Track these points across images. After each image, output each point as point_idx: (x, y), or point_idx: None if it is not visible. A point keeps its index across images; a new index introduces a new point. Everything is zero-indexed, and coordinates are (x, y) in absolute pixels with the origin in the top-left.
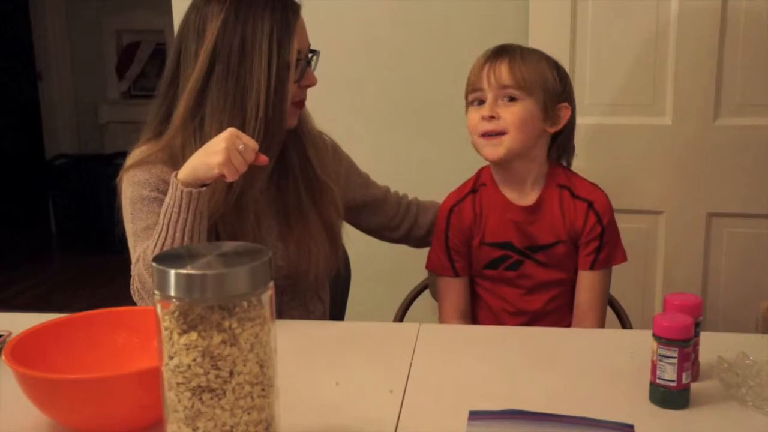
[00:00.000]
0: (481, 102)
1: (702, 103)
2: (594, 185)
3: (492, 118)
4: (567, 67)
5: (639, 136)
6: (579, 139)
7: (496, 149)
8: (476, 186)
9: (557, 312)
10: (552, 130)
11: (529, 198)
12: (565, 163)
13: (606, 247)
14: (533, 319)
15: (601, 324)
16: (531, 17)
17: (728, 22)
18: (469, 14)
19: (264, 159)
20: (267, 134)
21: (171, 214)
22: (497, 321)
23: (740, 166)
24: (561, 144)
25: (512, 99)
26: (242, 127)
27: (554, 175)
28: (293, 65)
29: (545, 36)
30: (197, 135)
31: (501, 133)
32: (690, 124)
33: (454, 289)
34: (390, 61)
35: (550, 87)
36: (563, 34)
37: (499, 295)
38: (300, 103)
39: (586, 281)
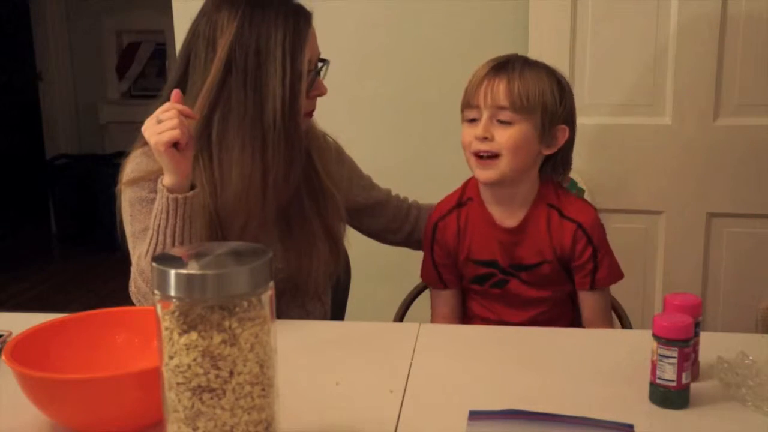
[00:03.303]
0: (475, 120)
1: (702, 103)
2: (584, 203)
3: (485, 139)
4: (567, 69)
5: (639, 136)
6: (579, 139)
7: (488, 172)
8: (462, 200)
9: (543, 326)
10: (548, 152)
11: (515, 217)
12: (560, 178)
13: (602, 266)
14: None
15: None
16: (531, 17)
17: (728, 23)
18: (469, 14)
19: (187, 111)
20: (287, 143)
21: (160, 221)
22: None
23: (740, 166)
24: (557, 162)
25: (507, 122)
26: (264, 136)
27: (544, 194)
28: (305, 75)
29: (545, 36)
30: (213, 142)
31: (494, 156)
32: (690, 124)
33: (443, 300)
34: (389, 62)
35: (549, 109)
36: (563, 34)
37: (486, 306)
38: (309, 114)
39: (589, 301)
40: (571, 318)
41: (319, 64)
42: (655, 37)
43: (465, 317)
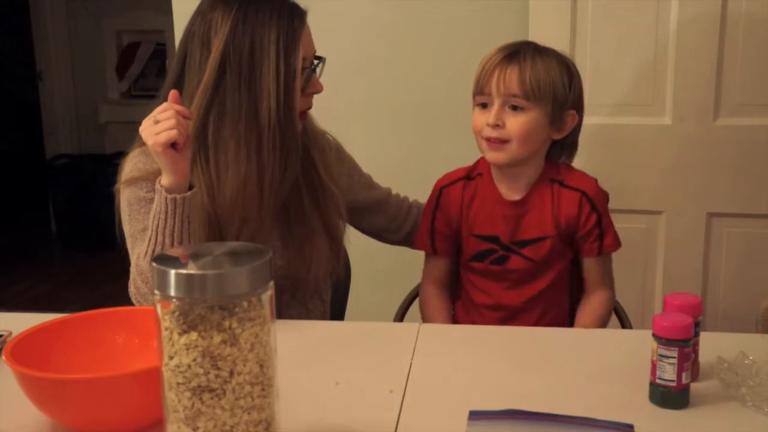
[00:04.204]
0: (487, 105)
1: (702, 103)
2: (585, 174)
3: (497, 126)
4: None
5: (639, 136)
6: (579, 139)
7: (498, 154)
8: (471, 174)
9: (537, 309)
10: (558, 137)
11: (520, 192)
12: (567, 161)
13: (607, 232)
14: (512, 314)
15: (613, 296)
16: (531, 17)
17: (728, 23)
18: (469, 14)
19: (184, 112)
20: (283, 142)
21: (158, 221)
22: (476, 315)
23: (740, 166)
24: (564, 145)
25: (519, 108)
26: (259, 136)
27: (548, 172)
28: (299, 73)
29: (545, 36)
30: (209, 143)
31: (505, 141)
32: (690, 124)
33: (435, 265)
34: (390, 60)
35: (559, 96)
36: (563, 34)
37: (481, 288)
38: (306, 111)
39: (594, 267)
40: (567, 305)
41: (315, 62)
42: (655, 37)
43: (466, 308)
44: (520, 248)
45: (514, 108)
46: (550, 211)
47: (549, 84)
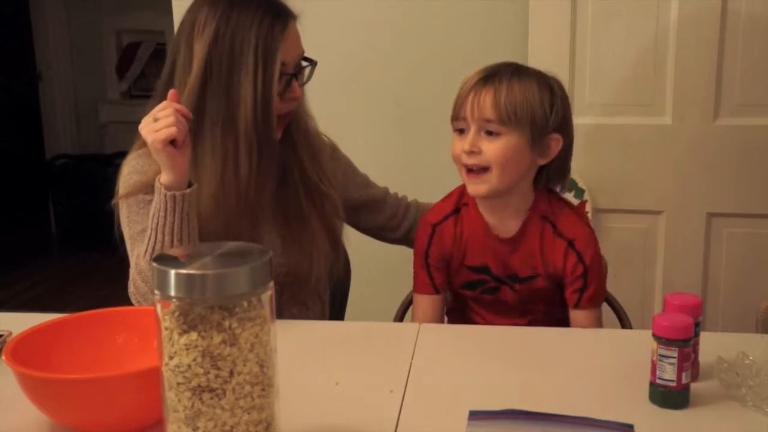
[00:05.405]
0: (464, 131)
1: (702, 103)
2: (578, 218)
3: (473, 152)
4: (567, 69)
5: (639, 136)
6: (580, 140)
7: (479, 186)
8: (459, 205)
9: None
10: (542, 162)
11: (510, 228)
12: (559, 188)
13: (591, 285)
14: None
15: None
16: (531, 17)
17: (728, 23)
18: (468, 14)
19: (183, 110)
20: (260, 148)
21: (158, 219)
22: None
23: (740, 166)
24: (552, 172)
25: (495, 133)
26: (236, 142)
27: (538, 205)
28: (275, 80)
29: (545, 36)
30: (194, 146)
31: (484, 168)
32: (690, 124)
33: (431, 305)
34: (389, 61)
35: (539, 119)
36: (563, 34)
37: (474, 310)
38: (285, 116)
39: (577, 319)
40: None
41: (304, 63)
42: (655, 37)
43: (464, 315)
44: (512, 282)
45: (490, 133)
46: (539, 252)
47: (526, 107)
